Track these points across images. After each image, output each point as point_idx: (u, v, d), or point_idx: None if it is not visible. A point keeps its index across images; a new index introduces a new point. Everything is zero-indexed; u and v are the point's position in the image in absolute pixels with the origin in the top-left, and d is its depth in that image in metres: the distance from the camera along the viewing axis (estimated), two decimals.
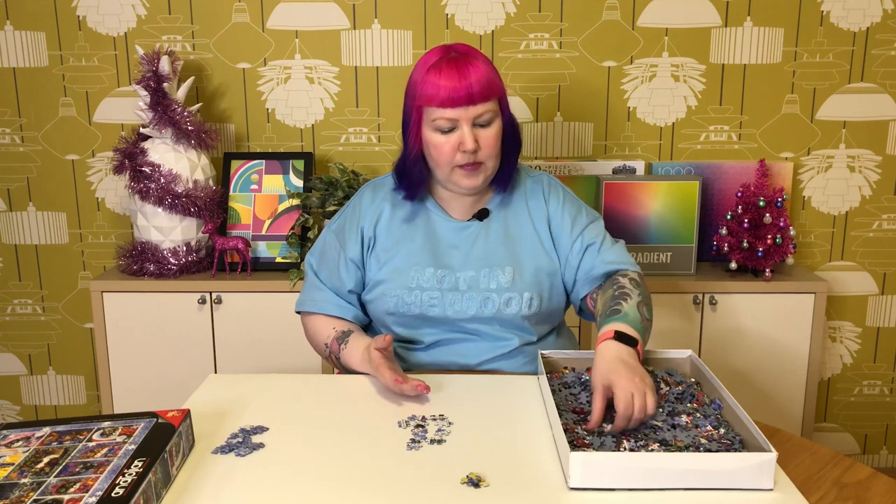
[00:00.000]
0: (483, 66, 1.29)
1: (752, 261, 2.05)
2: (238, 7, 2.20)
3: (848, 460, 1.03)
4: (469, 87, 1.26)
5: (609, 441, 1.00)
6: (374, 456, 1.02)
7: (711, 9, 2.18)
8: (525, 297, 1.35)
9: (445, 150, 1.31)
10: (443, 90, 1.27)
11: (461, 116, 1.28)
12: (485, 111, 1.29)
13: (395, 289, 1.36)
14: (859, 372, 2.39)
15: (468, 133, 1.29)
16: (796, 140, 2.25)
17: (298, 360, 2.03)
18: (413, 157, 1.36)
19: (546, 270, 1.38)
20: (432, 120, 1.30)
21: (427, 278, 1.36)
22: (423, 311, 1.36)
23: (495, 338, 1.37)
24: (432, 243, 1.39)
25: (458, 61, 1.28)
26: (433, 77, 1.28)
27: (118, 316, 2.03)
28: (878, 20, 2.17)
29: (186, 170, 2.05)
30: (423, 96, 1.30)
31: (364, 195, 1.46)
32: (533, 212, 1.42)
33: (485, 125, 1.30)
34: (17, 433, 0.98)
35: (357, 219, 1.44)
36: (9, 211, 2.33)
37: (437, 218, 1.41)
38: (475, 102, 1.27)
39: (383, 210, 1.42)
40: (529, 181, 1.46)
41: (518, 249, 1.39)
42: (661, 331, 2.04)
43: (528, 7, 2.18)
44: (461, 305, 1.35)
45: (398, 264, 1.38)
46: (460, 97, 1.26)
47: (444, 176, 1.36)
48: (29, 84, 2.24)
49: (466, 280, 1.36)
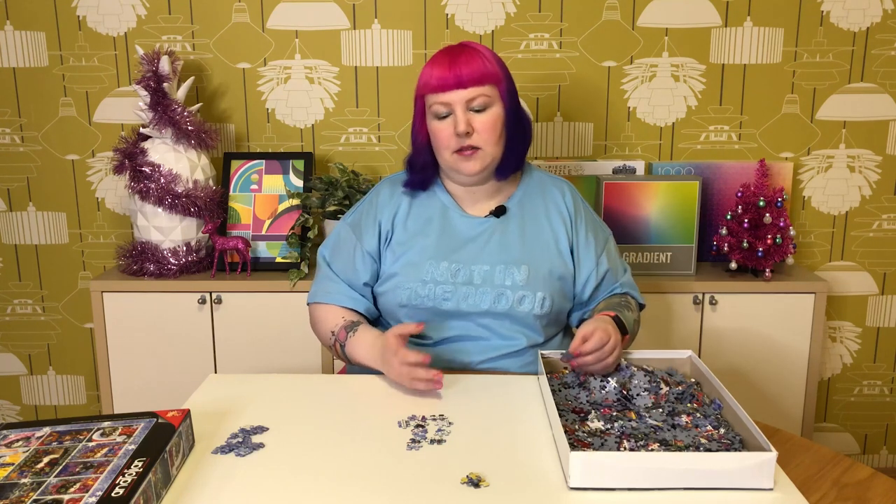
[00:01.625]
0: (478, 55, 1.34)
1: (752, 261, 2.05)
2: (238, 7, 2.20)
3: (848, 460, 1.03)
4: (459, 72, 1.31)
5: (609, 441, 1.01)
6: (374, 456, 1.02)
7: (711, 9, 2.18)
8: (538, 297, 1.37)
9: (443, 136, 1.35)
10: (435, 76, 1.33)
11: (453, 100, 1.33)
12: (477, 95, 1.33)
13: (409, 281, 1.37)
14: (859, 372, 2.39)
15: (461, 116, 1.33)
16: (796, 140, 2.25)
17: (298, 360, 2.03)
18: (420, 147, 1.41)
19: (559, 273, 1.41)
20: (430, 106, 1.36)
21: (441, 272, 1.37)
22: (437, 304, 1.36)
23: (503, 336, 1.38)
24: (448, 238, 1.40)
25: (453, 51, 1.35)
26: (429, 67, 1.35)
27: (118, 316, 2.03)
28: (878, 20, 2.17)
29: (186, 170, 2.05)
30: (420, 85, 1.36)
31: (383, 189, 1.48)
32: (551, 215, 1.44)
33: (480, 110, 1.34)
34: (17, 433, 0.98)
35: (375, 212, 1.45)
36: (9, 211, 2.33)
37: (453, 213, 1.43)
38: (465, 86, 1.32)
39: (401, 204, 1.44)
40: (549, 184, 1.48)
41: (534, 249, 1.40)
42: (661, 331, 2.04)
43: (528, 7, 2.18)
44: (475, 299, 1.36)
45: (413, 258, 1.39)
46: (450, 81, 1.32)
47: (446, 163, 1.39)
48: (29, 84, 2.24)
49: (481, 274, 1.37)
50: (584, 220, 1.46)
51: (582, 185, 2.17)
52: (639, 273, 2.07)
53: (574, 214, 1.45)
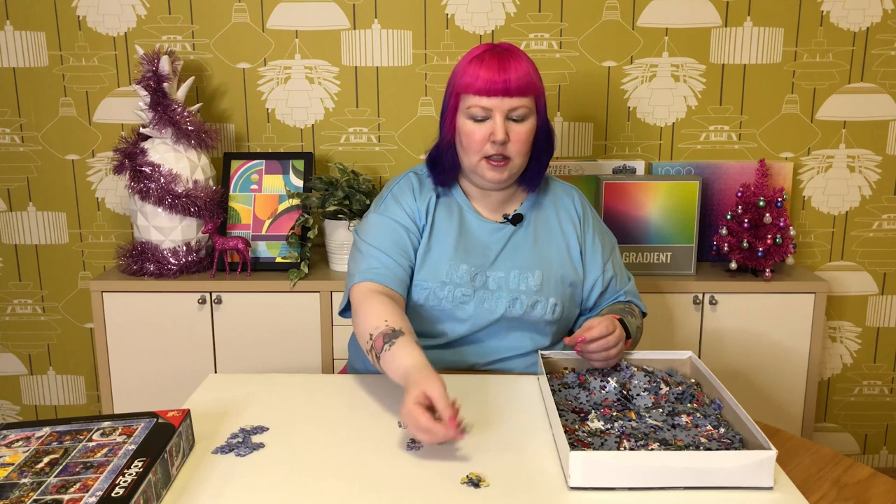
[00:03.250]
0: (525, 63, 1.32)
1: (752, 261, 2.05)
2: (238, 7, 2.20)
3: (848, 460, 1.03)
4: (507, 79, 1.29)
5: (609, 441, 1.01)
6: (374, 456, 1.02)
7: (711, 9, 2.18)
8: (550, 303, 1.37)
9: (476, 139, 1.32)
10: (482, 79, 1.29)
11: (496, 106, 1.30)
12: (520, 105, 1.31)
13: (428, 281, 1.36)
14: (859, 372, 2.39)
15: (500, 123, 1.30)
16: (796, 140, 2.25)
17: (298, 360, 2.03)
18: (446, 144, 1.39)
19: (570, 280, 1.41)
20: (467, 107, 1.32)
21: (461, 275, 1.36)
22: (454, 306, 1.36)
23: (512, 340, 1.39)
24: (465, 240, 1.40)
25: (501, 55, 1.31)
26: (474, 67, 1.31)
27: (118, 316, 2.03)
28: (878, 20, 2.17)
29: (186, 170, 2.05)
30: (462, 84, 1.32)
31: (411, 182, 1.43)
32: (563, 221, 1.44)
33: (518, 120, 1.32)
34: (17, 433, 0.98)
35: (407, 197, 1.40)
36: (9, 211, 2.33)
37: (470, 216, 1.42)
38: (511, 95, 1.29)
39: (431, 197, 1.41)
40: (560, 190, 1.48)
41: (546, 255, 1.41)
42: (661, 331, 2.04)
43: (528, 7, 2.18)
44: (491, 304, 1.36)
45: (434, 258, 1.38)
46: (497, 87, 1.29)
47: (471, 165, 1.36)
48: (29, 84, 2.24)
49: (496, 280, 1.37)
50: (591, 225, 1.47)
51: (582, 185, 2.17)
52: (639, 273, 2.07)
53: (583, 219, 1.46)
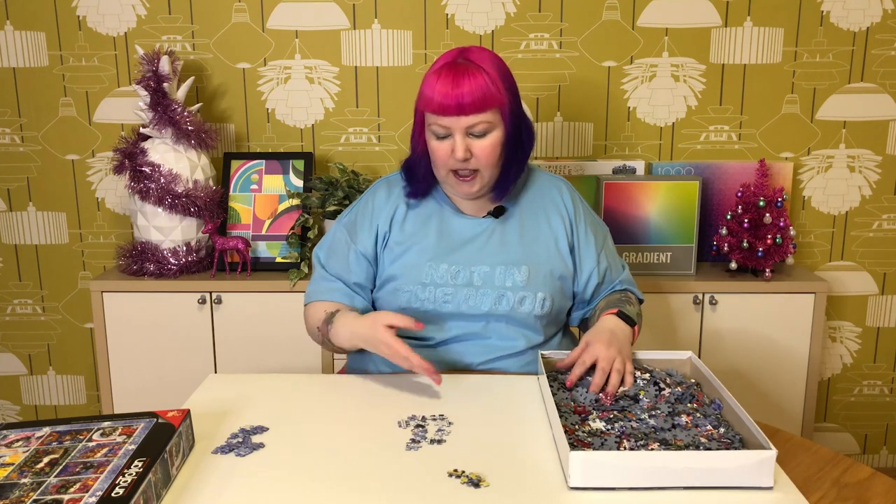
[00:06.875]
0: (483, 76, 1.27)
1: (752, 261, 2.05)
2: (238, 7, 2.20)
3: (848, 460, 1.03)
4: (460, 98, 1.26)
5: (609, 441, 1.01)
6: (374, 456, 1.02)
7: (711, 9, 2.18)
8: (538, 297, 1.36)
9: (440, 155, 1.33)
10: (436, 97, 1.27)
11: (453, 125, 1.29)
12: (478, 122, 1.28)
13: (409, 284, 1.37)
14: (859, 372, 2.39)
15: (459, 142, 1.29)
16: (796, 140, 2.25)
17: (298, 360, 2.03)
18: (417, 155, 1.39)
19: (559, 273, 1.40)
20: (429, 125, 1.32)
21: (441, 274, 1.36)
22: (437, 307, 1.36)
23: (504, 338, 1.38)
24: (446, 239, 1.39)
25: (457, 69, 1.27)
26: (432, 82, 1.29)
27: (118, 316, 2.03)
28: (878, 20, 2.17)
29: (186, 170, 2.05)
30: (422, 100, 1.31)
31: (379, 190, 1.46)
32: (550, 214, 1.43)
33: (479, 136, 1.30)
34: (17, 433, 0.98)
35: (370, 213, 1.44)
36: (9, 211, 2.33)
37: (451, 214, 1.42)
38: (466, 113, 1.27)
39: (399, 205, 1.43)
40: (547, 183, 1.47)
41: (533, 249, 1.40)
42: (661, 331, 2.04)
43: (528, 7, 2.18)
44: (476, 301, 1.36)
45: (411, 260, 1.38)
46: (450, 107, 1.27)
47: (441, 179, 1.38)
48: (29, 84, 2.24)
49: (481, 275, 1.37)
50: (583, 218, 1.46)
51: (582, 185, 2.17)
52: (639, 273, 2.07)
53: (574, 213, 1.45)
